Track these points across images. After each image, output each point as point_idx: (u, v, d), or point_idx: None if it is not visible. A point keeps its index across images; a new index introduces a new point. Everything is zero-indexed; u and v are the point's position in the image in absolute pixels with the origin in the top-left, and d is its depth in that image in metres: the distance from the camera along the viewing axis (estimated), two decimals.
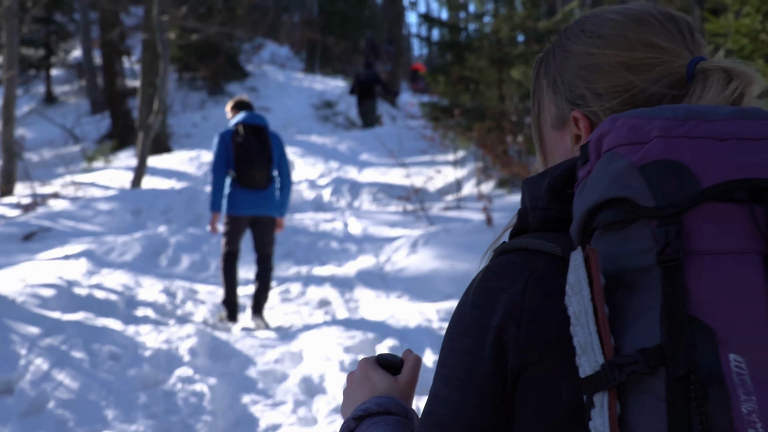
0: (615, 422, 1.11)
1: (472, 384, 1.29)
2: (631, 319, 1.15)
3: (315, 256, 11.57)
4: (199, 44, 25.41)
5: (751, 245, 1.13)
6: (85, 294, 9.23)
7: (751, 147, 1.18)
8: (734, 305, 1.11)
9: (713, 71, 1.32)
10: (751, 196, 1.14)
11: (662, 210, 1.14)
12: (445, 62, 16.83)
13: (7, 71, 16.62)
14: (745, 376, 1.08)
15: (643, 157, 1.18)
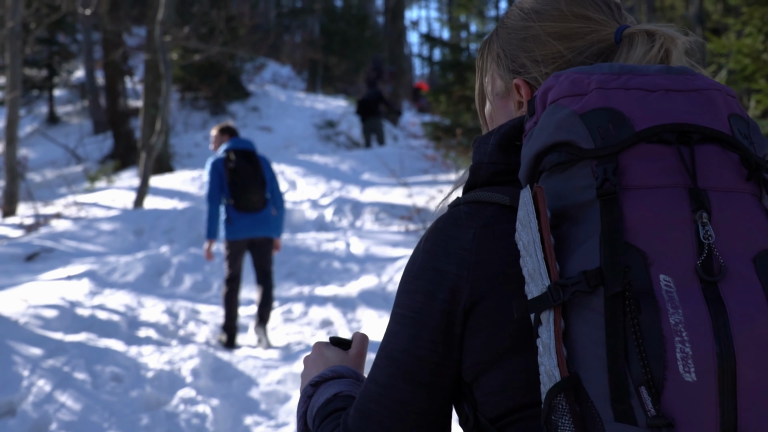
0: (560, 335, 1.27)
1: (422, 321, 1.46)
2: (574, 246, 1.31)
3: (317, 276, 11.57)
4: (201, 64, 25.47)
5: (678, 180, 1.30)
6: (87, 315, 9.23)
7: (677, 97, 1.36)
8: (664, 232, 1.28)
9: (638, 34, 1.51)
10: (678, 138, 1.32)
11: (601, 151, 1.31)
12: (447, 82, 16.87)
13: (10, 92, 16.66)
14: (673, 293, 1.24)
15: (583, 106, 1.35)
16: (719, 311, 1.23)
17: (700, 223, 1.28)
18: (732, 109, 1.39)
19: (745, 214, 1.32)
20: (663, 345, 1.22)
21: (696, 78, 1.40)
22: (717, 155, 1.33)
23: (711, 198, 1.30)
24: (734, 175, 1.33)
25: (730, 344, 1.22)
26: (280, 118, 27.29)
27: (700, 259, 1.26)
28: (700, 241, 1.27)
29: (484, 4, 16.68)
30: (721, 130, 1.35)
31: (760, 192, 1.35)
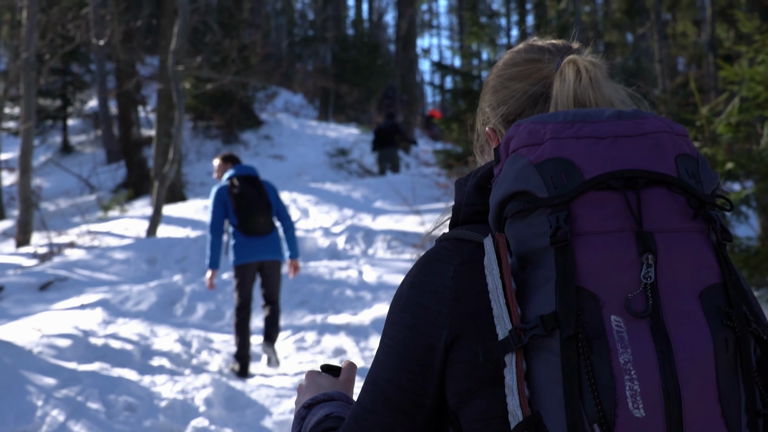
0: (521, 376, 1.39)
1: (405, 353, 1.58)
2: (534, 290, 1.42)
3: (330, 304, 11.55)
4: (214, 93, 25.58)
5: (625, 224, 1.40)
6: (100, 344, 9.25)
7: (625, 143, 1.46)
8: (613, 275, 1.38)
9: (565, 66, 1.64)
10: (625, 184, 1.43)
11: (554, 200, 1.42)
12: (459, 110, 16.89)
13: (25, 122, 16.75)
14: (623, 332, 1.35)
15: (538, 157, 1.46)
16: (665, 348, 1.34)
17: (645, 263, 1.38)
18: (680, 150, 1.48)
19: (691, 253, 1.41)
20: (613, 383, 1.33)
21: (645, 121, 1.50)
22: (663, 198, 1.43)
23: (657, 239, 1.40)
24: (680, 216, 1.43)
25: (676, 380, 1.32)
26: (292, 146, 27.37)
27: (645, 299, 1.37)
28: (644, 282, 1.38)
29: (496, 32, 16.71)
30: (667, 172, 1.44)
31: (708, 228, 1.45)
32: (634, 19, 43.07)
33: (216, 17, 29.03)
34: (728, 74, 8.40)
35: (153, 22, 33.41)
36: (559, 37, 1.82)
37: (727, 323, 1.38)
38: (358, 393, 1.69)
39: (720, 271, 1.42)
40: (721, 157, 8.48)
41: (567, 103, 1.61)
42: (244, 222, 8.92)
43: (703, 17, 31.06)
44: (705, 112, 8.63)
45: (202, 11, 28.64)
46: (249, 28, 31.83)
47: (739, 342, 1.38)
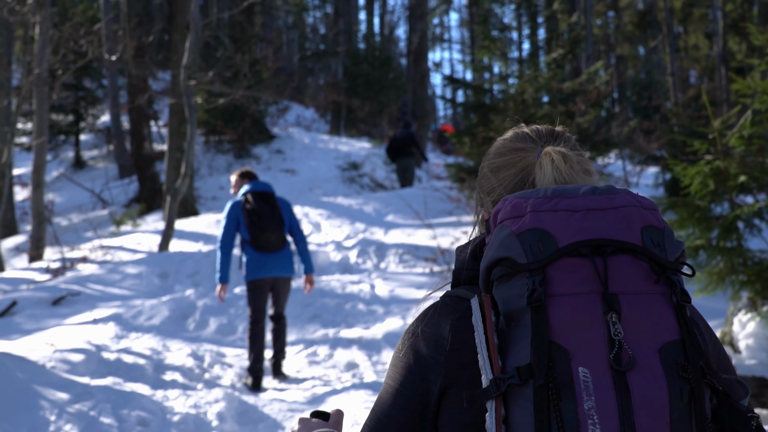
0: (500, 421, 1.60)
1: (404, 393, 1.79)
2: (513, 345, 1.64)
3: (342, 318, 11.55)
4: (226, 108, 25.63)
5: (593, 287, 1.62)
6: (113, 359, 9.25)
7: (596, 215, 1.68)
8: (581, 331, 1.59)
9: (544, 155, 1.91)
10: (594, 251, 1.65)
11: (531, 265, 1.64)
12: (471, 123, 16.88)
13: (37, 138, 16.81)
14: (589, 382, 1.56)
15: (520, 227, 1.69)
16: (625, 397, 1.55)
17: (611, 322, 1.59)
18: (646, 221, 1.69)
19: (652, 312, 1.62)
20: (578, 427, 1.54)
21: (616, 196, 1.72)
22: (628, 263, 1.64)
23: (621, 300, 1.61)
24: (644, 280, 1.64)
25: (632, 424, 1.53)
26: (304, 160, 27.40)
27: (612, 352, 1.58)
28: (611, 338, 1.59)
29: (507, 45, 16.72)
30: (633, 241, 1.66)
31: (670, 291, 1.65)
32: (646, 32, 43.05)
33: (228, 32, 29.13)
34: (741, 87, 8.38)
35: (165, 37, 33.55)
36: (571, 50, 2.05)
37: (683, 375, 1.58)
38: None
39: (679, 329, 1.63)
40: (734, 170, 8.46)
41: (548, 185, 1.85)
42: (255, 238, 8.99)
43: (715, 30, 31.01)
44: (717, 125, 8.61)
45: (214, 26, 28.78)
46: (261, 42, 31.95)
47: (693, 392, 1.58)
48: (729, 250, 8.53)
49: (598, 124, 19.91)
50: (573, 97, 16.74)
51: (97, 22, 26.29)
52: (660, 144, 22.04)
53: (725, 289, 8.62)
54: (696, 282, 8.73)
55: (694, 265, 8.69)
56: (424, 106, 32.58)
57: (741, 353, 8.50)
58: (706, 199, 8.74)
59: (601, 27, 50.05)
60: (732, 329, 8.76)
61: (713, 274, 8.56)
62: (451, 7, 69.20)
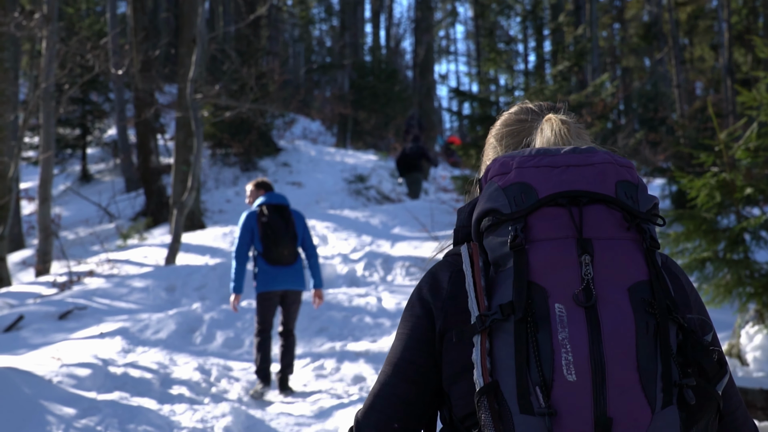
0: (485, 352, 1.81)
1: (413, 336, 2.04)
2: (499, 286, 1.86)
3: (349, 331, 11.54)
4: (232, 121, 25.66)
5: (569, 233, 1.84)
6: (120, 373, 9.25)
7: (574, 170, 1.90)
8: (557, 272, 1.80)
9: (545, 122, 2.14)
10: (570, 201, 1.86)
11: (514, 215, 1.87)
12: (477, 136, 16.88)
13: (44, 152, 16.84)
14: (564, 316, 1.76)
15: (505, 182, 1.92)
16: (595, 329, 1.75)
17: (583, 263, 1.80)
18: (621, 177, 1.91)
19: (623, 255, 1.82)
20: (553, 355, 1.75)
21: (595, 155, 1.94)
22: (601, 212, 1.86)
23: (595, 245, 1.82)
24: (616, 227, 1.85)
25: (601, 353, 1.73)
26: (311, 173, 27.42)
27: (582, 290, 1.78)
28: (582, 277, 1.79)
29: (513, 58, 16.73)
30: (606, 193, 1.87)
31: (641, 238, 1.86)
32: (652, 44, 43.05)
33: (234, 45, 29.20)
34: (746, 99, 8.37)
35: (171, 51, 33.65)
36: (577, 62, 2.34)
37: (650, 311, 1.78)
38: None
39: (648, 271, 1.83)
40: (740, 183, 8.45)
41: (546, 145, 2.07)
42: (268, 251, 9.07)
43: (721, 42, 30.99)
44: (723, 137, 8.61)
45: (221, 40, 28.87)
46: (267, 55, 31.98)
47: (659, 326, 1.78)
48: (736, 262, 8.52)
49: (604, 136, 19.89)
50: (579, 110, 16.73)
51: (104, 36, 26.37)
52: (666, 156, 22.02)
53: (732, 301, 8.60)
54: (703, 294, 8.72)
55: (701, 278, 8.70)
56: (430, 119, 32.64)
57: (749, 366, 8.48)
58: (712, 211, 8.72)
59: (607, 39, 50.07)
60: (739, 342, 8.74)
61: (720, 287, 8.54)
62: (457, 20, 69.35)
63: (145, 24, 24.94)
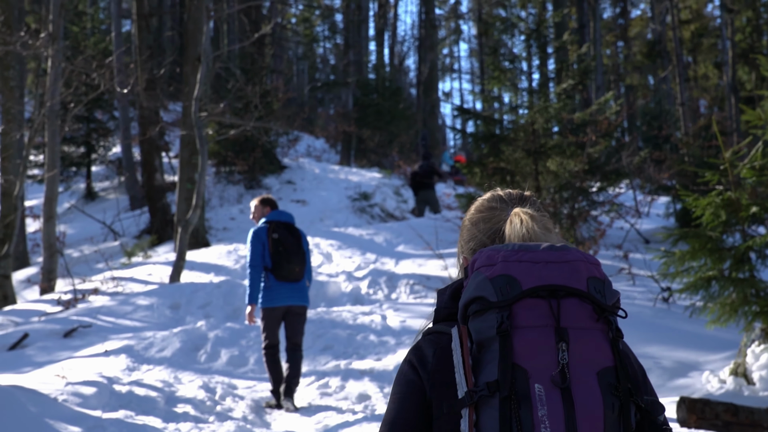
0: (472, 424, 2.04)
1: (407, 398, 2.26)
2: (484, 365, 2.08)
3: (353, 350, 11.53)
4: (237, 139, 25.72)
5: (548, 322, 2.08)
6: (125, 391, 9.24)
7: (553, 267, 2.15)
8: (537, 356, 2.05)
9: (512, 216, 2.39)
10: (550, 294, 2.11)
11: (500, 303, 2.10)
12: (481, 154, 16.90)
13: (49, 170, 16.87)
14: (543, 396, 2.00)
15: (492, 273, 2.15)
16: (570, 407, 2.00)
17: (560, 349, 2.04)
18: (591, 273, 2.17)
19: (593, 343, 2.08)
20: (533, 429, 1.98)
21: (569, 253, 2.19)
22: (575, 305, 2.11)
23: (570, 333, 2.07)
24: (587, 318, 2.10)
25: (575, 428, 1.98)
26: (315, 190, 27.45)
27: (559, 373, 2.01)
28: (559, 362, 2.03)
29: (517, 76, 16.75)
30: (580, 288, 2.12)
31: (607, 328, 2.12)
32: (655, 62, 43.09)
33: (238, 63, 29.29)
34: (751, 118, 8.39)
35: (176, 70, 33.73)
36: (581, 81, 3.18)
37: (615, 393, 2.05)
38: None
39: (613, 358, 2.09)
40: (746, 201, 8.45)
41: (515, 240, 2.32)
42: (279, 267, 9.20)
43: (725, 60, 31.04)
44: (728, 155, 8.61)
45: (225, 58, 28.90)
46: (271, 73, 32.06)
47: (622, 407, 2.05)
48: (741, 281, 8.51)
49: (608, 154, 19.91)
50: (583, 128, 16.75)
51: (109, 54, 26.44)
52: (671, 174, 22.04)
53: (738, 320, 8.59)
54: (708, 313, 8.71)
55: (706, 296, 8.69)
56: (434, 136, 32.66)
57: (755, 385, 8.45)
58: (717, 229, 8.72)
59: (611, 57, 50.17)
60: (745, 361, 8.72)
61: (726, 305, 8.53)
62: (461, 38, 69.50)
63: (149, 42, 25.04)
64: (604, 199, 16.81)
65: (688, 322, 10.93)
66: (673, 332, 10.92)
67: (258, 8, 30.70)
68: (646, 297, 12.91)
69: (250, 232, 9.41)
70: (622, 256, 15.97)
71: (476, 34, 56.58)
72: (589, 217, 16.16)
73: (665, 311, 11.92)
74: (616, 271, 15.06)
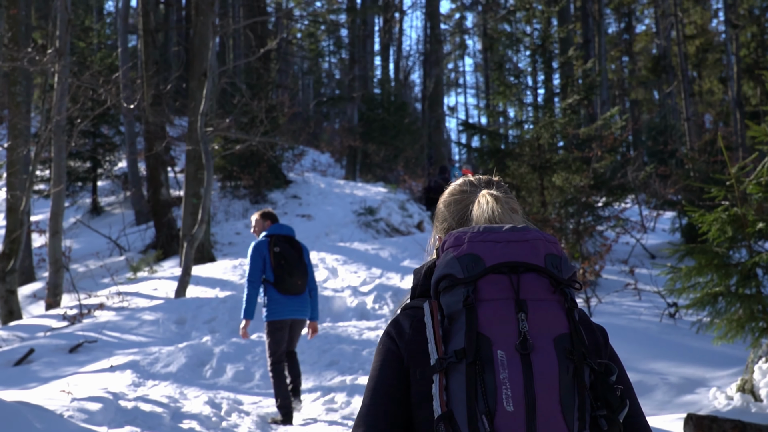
0: (442, 387, 2.24)
1: (387, 364, 2.45)
2: (453, 335, 2.29)
3: (359, 365, 11.51)
4: (242, 153, 25.75)
5: (509, 294, 2.30)
6: (130, 407, 9.23)
7: (514, 245, 2.38)
8: (500, 325, 2.25)
9: (481, 195, 2.64)
10: (510, 270, 2.33)
11: (466, 279, 2.32)
12: (487, 169, 16.89)
13: (56, 186, 16.90)
14: (505, 361, 2.20)
15: (459, 253, 2.38)
16: (528, 370, 2.20)
17: (520, 319, 2.25)
18: (549, 250, 2.39)
19: (550, 313, 2.29)
20: (495, 390, 2.18)
21: (528, 233, 2.41)
22: (534, 279, 2.33)
23: (529, 304, 2.29)
24: (545, 291, 2.32)
25: (533, 389, 2.18)
26: (320, 205, 27.46)
27: (518, 340, 2.22)
28: (519, 330, 2.24)
29: (522, 91, 16.75)
30: (538, 263, 2.35)
31: (563, 299, 2.32)
32: (660, 77, 43.09)
33: (244, 79, 29.36)
34: (756, 134, 8.38)
35: (182, 85, 33.81)
36: (586, 96, 3.19)
37: (569, 357, 2.24)
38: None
39: (568, 325, 2.28)
40: (752, 217, 8.44)
41: (481, 220, 2.57)
42: (281, 281, 9.26)
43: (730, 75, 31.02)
44: (734, 171, 8.61)
45: (231, 73, 28.98)
46: (277, 88, 32.11)
47: (576, 369, 2.24)
48: (748, 296, 8.49)
49: (614, 169, 19.90)
50: (589, 143, 16.75)
51: (116, 70, 26.51)
52: (676, 189, 22.03)
53: (745, 336, 8.57)
54: (715, 329, 8.69)
55: (713, 312, 8.67)
56: (439, 151, 32.69)
57: (762, 401, 8.43)
58: (724, 245, 8.71)
59: (616, 72, 50.19)
60: (753, 377, 8.70)
61: (732, 321, 8.51)
62: (466, 53, 69.57)
63: (156, 58, 25.12)
64: (610, 214, 16.79)
65: (695, 338, 10.91)
66: (679, 348, 10.90)
67: (264, 24, 30.80)
68: (653, 312, 12.88)
69: (251, 245, 9.45)
70: (628, 272, 15.95)
71: (481, 49, 56.67)
72: (594, 232, 16.14)
73: (672, 327, 11.90)
74: (622, 286, 15.04)
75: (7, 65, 17.22)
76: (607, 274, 16.40)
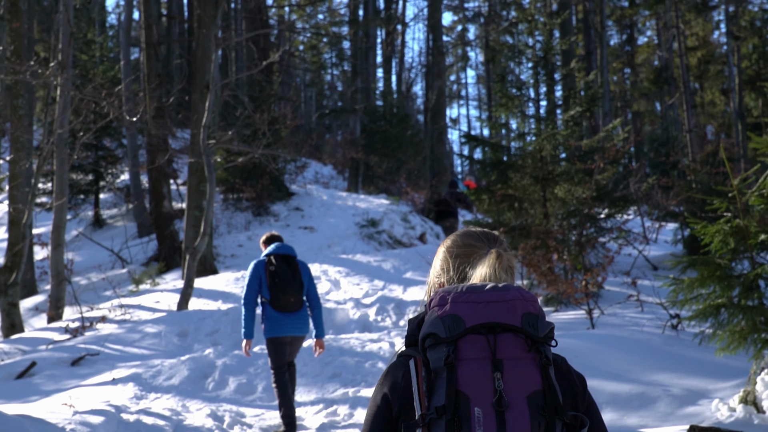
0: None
1: (378, 415, 2.60)
2: (436, 390, 2.46)
3: (362, 377, 11.50)
4: (245, 166, 25.77)
5: (486, 354, 2.45)
6: (133, 420, 9.23)
7: (492, 306, 2.52)
8: (477, 384, 2.41)
9: (488, 254, 2.72)
10: (488, 330, 2.48)
11: (448, 339, 2.47)
12: (489, 181, 16.90)
13: (58, 199, 16.91)
14: (481, 418, 2.37)
15: (442, 312, 2.53)
16: (502, 427, 2.36)
17: (496, 378, 2.41)
18: (526, 310, 2.53)
19: (525, 372, 2.45)
20: None
21: (507, 292, 2.55)
22: (510, 339, 2.48)
23: (504, 363, 2.44)
24: (520, 350, 2.47)
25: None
26: (322, 217, 27.46)
27: (494, 398, 2.39)
28: (495, 389, 2.40)
29: (525, 103, 16.76)
30: (514, 324, 2.49)
31: (538, 357, 2.48)
32: (662, 89, 43.12)
33: (246, 91, 29.38)
34: (758, 146, 8.39)
35: (185, 97, 33.85)
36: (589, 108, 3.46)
37: (542, 413, 2.40)
38: None
39: (542, 383, 2.44)
40: (754, 229, 8.43)
41: (478, 278, 2.69)
42: (276, 299, 9.41)
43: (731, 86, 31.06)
44: (737, 183, 8.61)
45: (233, 86, 29.02)
46: (279, 101, 32.14)
47: (548, 425, 2.40)
48: (750, 308, 8.48)
49: (616, 181, 19.90)
50: (591, 155, 16.75)
51: (118, 83, 26.58)
52: (678, 200, 22.03)
53: (747, 347, 8.56)
54: (717, 341, 8.68)
55: (715, 324, 8.66)
56: (442, 163, 32.71)
57: (765, 413, 8.41)
58: (726, 257, 8.70)
59: (618, 83, 50.24)
60: (755, 389, 8.68)
61: (735, 333, 8.50)
62: (468, 65, 69.63)
63: (158, 71, 25.15)
64: (612, 225, 16.77)
65: (697, 349, 10.89)
66: (682, 360, 10.88)
67: (266, 36, 30.85)
68: (655, 324, 12.87)
69: (250, 264, 9.62)
70: (630, 283, 15.93)
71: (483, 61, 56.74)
72: (597, 243, 16.13)
73: (674, 338, 11.88)
74: (625, 298, 15.02)
75: (9, 78, 17.26)
76: (609, 285, 16.39)
